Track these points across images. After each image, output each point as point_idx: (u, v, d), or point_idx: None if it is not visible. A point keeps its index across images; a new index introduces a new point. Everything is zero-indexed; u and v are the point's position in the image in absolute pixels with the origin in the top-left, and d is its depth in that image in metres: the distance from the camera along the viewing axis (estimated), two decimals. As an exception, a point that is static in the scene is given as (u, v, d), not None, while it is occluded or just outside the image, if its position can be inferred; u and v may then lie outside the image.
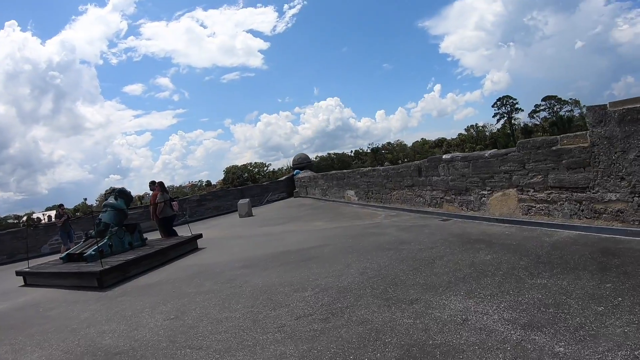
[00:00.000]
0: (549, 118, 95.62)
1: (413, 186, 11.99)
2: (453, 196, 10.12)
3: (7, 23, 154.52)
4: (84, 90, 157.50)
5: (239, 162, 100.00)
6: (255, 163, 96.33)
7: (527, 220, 7.61)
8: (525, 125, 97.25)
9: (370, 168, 15.00)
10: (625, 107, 5.81)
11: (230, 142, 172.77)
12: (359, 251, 7.62)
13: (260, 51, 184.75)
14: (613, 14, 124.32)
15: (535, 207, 7.53)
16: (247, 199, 19.64)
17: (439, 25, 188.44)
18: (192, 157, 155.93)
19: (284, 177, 30.22)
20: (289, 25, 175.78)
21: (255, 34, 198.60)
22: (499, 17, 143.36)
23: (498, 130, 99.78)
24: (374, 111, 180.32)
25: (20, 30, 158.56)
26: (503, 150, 8.35)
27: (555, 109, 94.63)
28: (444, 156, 10.64)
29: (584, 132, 6.56)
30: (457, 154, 10.06)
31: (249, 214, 19.04)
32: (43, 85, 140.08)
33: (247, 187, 29.91)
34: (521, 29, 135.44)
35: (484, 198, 8.89)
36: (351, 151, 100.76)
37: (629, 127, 5.76)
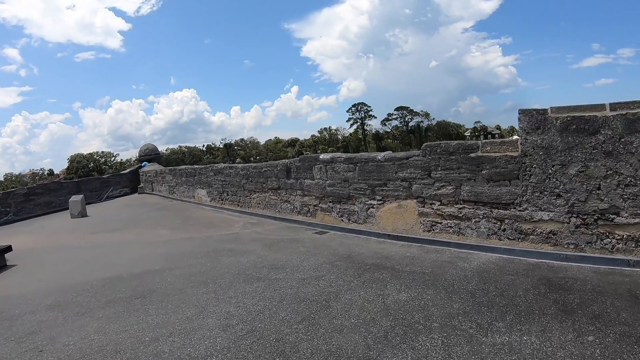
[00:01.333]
0: (400, 127, 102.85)
1: (279, 189, 10.09)
2: (331, 204, 8.46)
3: None
4: None
5: (86, 151, 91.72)
6: (103, 152, 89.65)
7: (430, 238, 6.25)
8: (377, 131, 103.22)
9: (226, 165, 12.65)
10: (572, 114, 4.77)
11: (78, 127, 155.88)
12: (217, 282, 5.39)
13: (121, 32, 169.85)
14: (468, 41, 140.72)
15: (441, 223, 6.18)
16: (81, 196, 15.75)
17: (304, 30, 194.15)
18: (36, 141, 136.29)
19: (127, 170, 25.78)
20: (154, 8, 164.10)
21: (118, 13, 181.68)
22: (362, 30, 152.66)
23: (350, 134, 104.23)
24: (230, 106, 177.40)
25: None
26: (402, 154, 6.84)
27: (406, 118, 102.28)
28: (321, 156, 8.94)
29: (513, 138, 5.38)
30: (340, 154, 8.43)
31: (83, 214, 15.31)
32: None
33: (84, 179, 24.91)
34: (382, 44, 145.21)
35: (372, 209, 7.34)
36: (203, 145, 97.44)
37: (573, 138, 4.78)
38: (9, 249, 8.51)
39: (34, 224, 15.67)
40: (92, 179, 23.78)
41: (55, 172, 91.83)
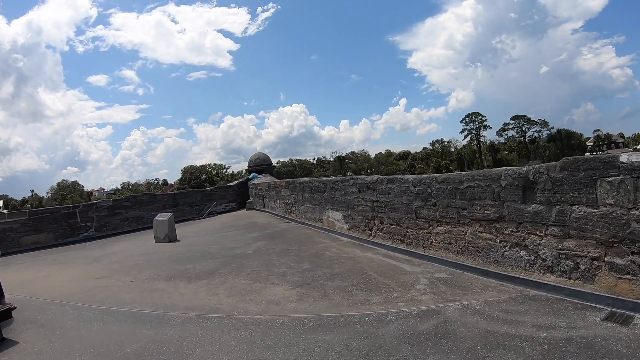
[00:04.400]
0: (517, 137, 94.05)
1: (501, 221, 5.42)
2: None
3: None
4: (47, 77, 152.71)
5: (199, 163, 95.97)
6: (215, 164, 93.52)
7: None
8: (492, 143, 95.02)
9: (382, 177, 8.11)
10: None
11: (192, 141, 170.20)
12: None
13: (230, 52, 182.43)
14: (579, 42, 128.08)
15: None
16: (169, 215, 12.19)
17: (408, 41, 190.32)
18: (153, 154, 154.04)
19: (235, 182, 22.48)
20: (261, 28, 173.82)
21: (226, 34, 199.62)
22: (468, 38, 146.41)
23: (464, 146, 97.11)
24: (339, 120, 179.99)
25: None
26: None
27: (523, 128, 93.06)
28: (624, 157, 4.13)
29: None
30: None
31: (170, 238, 11.81)
32: (5, 67, 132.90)
33: (183, 192, 22.07)
34: (489, 51, 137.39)
35: None
36: (314, 158, 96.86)
37: None
38: (6, 314, 4.87)
39: (108, 245, 12.81)
40: (192, 192, 20.68)
41: (169, 182, 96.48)
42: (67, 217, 14.83)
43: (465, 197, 6.01)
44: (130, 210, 16.65)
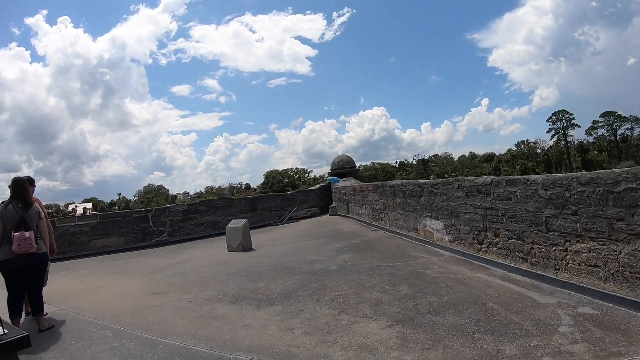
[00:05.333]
0: (607, 135, 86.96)
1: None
2: None
3: (59, 19, 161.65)
4: (132, 88, 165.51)
5: (281, 167, 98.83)
6: (297, 169, 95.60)
7: None
8: (581, 142, 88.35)
9: (500, 178, 6.66)
10: None
11: (274, 147, 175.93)
12: None
13: (308, 58, 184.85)
14: None
15: None
16: (243, 221, 11.42)
17: (487, 39, 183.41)
18: (236, 159, 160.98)
19: (317, 186, 21.82)
20: (337, 33, 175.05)
21: (304, 40, 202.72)
22: (549, 31, 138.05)
23: (551, 147, 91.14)
24: (420, 123, 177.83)
25: (73, 26, 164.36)
26: None
27: (614, 126, 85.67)
28: None
29: None
30: None
31: (244, 246, 11.07)
32: (93, 80, 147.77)
33: (262, 196, 21.56)
34: (572, 44, 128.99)
35: None
36: (395, 162, 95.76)
37: None
38: (24, 342, 4.18)
39: (177, 253, 12.44)
40: (272, 196, 20.17)
41: (251, 187, 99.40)
42: (139, 221, 14.83)
43: (623, 203, 4.61)
44: (205, 214, 16.36)
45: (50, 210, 75.46)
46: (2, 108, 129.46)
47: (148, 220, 14.97)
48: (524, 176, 6.14)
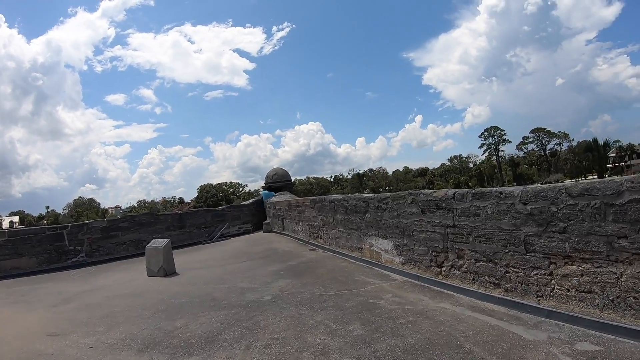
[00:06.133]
0: (537, 150, 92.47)
1: None
2: None
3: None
4: (66, 95, 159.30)
5: (216, 181, 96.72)
6: (231, 183, 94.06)
7: None
8: (512, 157, 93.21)
9: (464, 191, 5.55)
10: None
11: (209, 160, 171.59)
12: None
13: (246, 71, 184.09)
14: (593, 53, 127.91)
15: None
16: (165, 241, 9.74)
17: (423, 58, 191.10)
18: (170, 172, 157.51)
19: (250, 201, 19.92)
20: (276, 47, 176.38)
21: (242, 53, 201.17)
22: (482, 52, 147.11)
23: (483, 161, 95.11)
24: (355, 138, 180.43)
25: (7, 26, 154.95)
26: None
27: (544, 141, 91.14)
28: None
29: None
30: None
31: (166, 271, 9.32)
32: (25, 85, 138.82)
33: (190, 212, 19.62)
34: (504, 65, 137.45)
35: None
36: (331, 176, 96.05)
37: None
38: None
39: (92, 277, 10.46)
40: (202, 212, 18.22)
41: (185, 201, 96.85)
42: (53, 239, 12.57)
43: (626, 218, 3.67)
44: (127, 232, 14.33)
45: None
46: None
47: (63, 239, 12.76)
48: (496, 188, 5.08)
